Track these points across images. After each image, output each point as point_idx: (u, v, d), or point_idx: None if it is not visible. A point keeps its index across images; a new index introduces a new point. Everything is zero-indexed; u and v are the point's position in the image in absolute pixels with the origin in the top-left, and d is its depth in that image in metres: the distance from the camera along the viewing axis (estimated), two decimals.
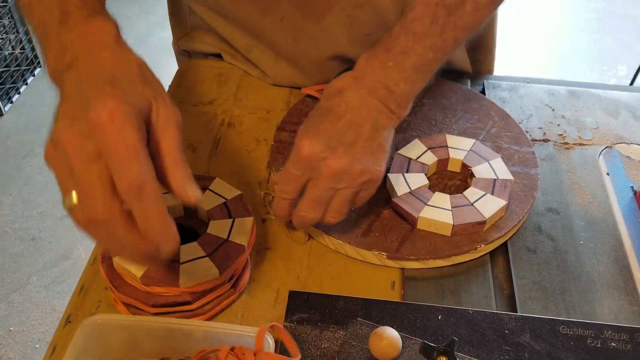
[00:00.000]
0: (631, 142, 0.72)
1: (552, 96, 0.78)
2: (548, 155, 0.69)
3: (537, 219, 0.62)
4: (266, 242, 0.59)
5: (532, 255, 0.58)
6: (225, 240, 0.52)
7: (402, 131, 0.70)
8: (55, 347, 0.50)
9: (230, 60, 0.81)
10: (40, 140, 2.11)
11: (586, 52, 2.68)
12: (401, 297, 0.55)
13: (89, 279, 0.56)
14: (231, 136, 0.71)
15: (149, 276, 0.49)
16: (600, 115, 0.75)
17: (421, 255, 0.56)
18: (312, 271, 0.57)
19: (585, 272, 0.57)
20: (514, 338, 0.50)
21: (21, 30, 2.28)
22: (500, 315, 0.51)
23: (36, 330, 1.56)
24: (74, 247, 1.77)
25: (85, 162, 0.38)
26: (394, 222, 0.59)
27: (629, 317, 0.53)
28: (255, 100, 0.77)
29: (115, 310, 0.53)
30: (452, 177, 0.65)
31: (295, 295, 0.53)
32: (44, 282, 1.67)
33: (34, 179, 1.98)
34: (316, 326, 0.50)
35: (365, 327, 0.50)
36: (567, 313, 0.53)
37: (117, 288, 0.50)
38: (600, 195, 0.65)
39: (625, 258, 0.58)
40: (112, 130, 0.37)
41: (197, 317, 0.51)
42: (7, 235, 1.80)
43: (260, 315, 0.53)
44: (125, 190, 0.38)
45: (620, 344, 0.49)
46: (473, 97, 0.74)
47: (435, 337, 0.50)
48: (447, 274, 0.57)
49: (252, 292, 0.55)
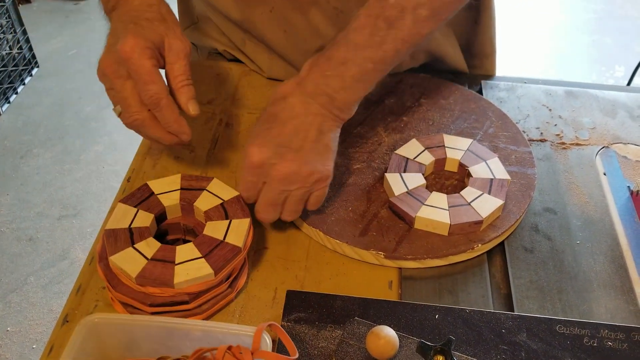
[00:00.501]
0: (628, 142, 0.72)
1: (550, 96, 0.78)
2: (545, 155, 0.69)
3: (534, 219, 0.62)
4: (264, 241, 0.60)
5: (529, 255, 0.58)
6: (222, 241, 0.52)
7: (400, 131, 0.70)
8: (52, 347, 0.50)
9: (232, 53, 0.81)
10: (37, 140, 2.11)
11: (585, 52, 2.68)
12: (398, 296, 0.55)
13: (86, 279, 0.56)
14: (229, 136, 0.71)
15: (143, 276, 0.49)
16: (597, 115, 0.76)
17: (418, 255, 0.56)
18: (309, 271, 0.57)
19: (582, 271, 0.57)
20: (511, 337, 0.50)
21: (19, 30, 2.28)
22: (497, 314, 0.51)
23: (33, 331, 1.55)
24: (71, 248, 1.77)
25: (120, 82, 0.54)
26: (392, 222, 0.59)
27: (625, 316, 0.53)
28: (253, 100, 0.77)
29: (113, 309, 0.53)
30: (450, 176, 0.65)
31: (293, 295, 0.53)
32: (41, 282, 1.67)
33: (32, 179, 1.98)
34: (314, 325, 0.50)
35: (363, 327, 0.50)
36: (563, 312, 0.53)
37: (115, 287, 0.50)
38: (597, 195, 0.65)
39: (622, 258, 0.58)
40: (133, 60, 0.52)
41: (195, 316, 0.51)
42: (5, 235, 1.80)
43: (258, 315, 0.53)
44: (147, 102, 0.54)
45: (617, 343, 0.49)
46: (471, 97, 0.75)
47: (433, 336, 0.50)
48: (444, 274, 0.57)
49: (249, 291, 0.55)
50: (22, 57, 2.33)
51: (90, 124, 2.20)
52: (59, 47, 2.61)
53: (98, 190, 1.96)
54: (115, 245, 0.51)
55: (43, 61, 2.49)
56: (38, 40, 2.58)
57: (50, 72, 2.45)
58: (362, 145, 0.68)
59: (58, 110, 2.24)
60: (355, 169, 0.65)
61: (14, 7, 2.27)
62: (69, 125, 2.19)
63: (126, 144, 2.13)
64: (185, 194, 0.56)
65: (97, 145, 2.12)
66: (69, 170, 2.02)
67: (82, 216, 1.86)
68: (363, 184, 0.63)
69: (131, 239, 0.52)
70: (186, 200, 0.56)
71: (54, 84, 2.39)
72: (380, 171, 0.65)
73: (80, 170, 2.02)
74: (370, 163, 0.66)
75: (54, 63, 2.50)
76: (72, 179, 1.99)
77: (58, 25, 2.74)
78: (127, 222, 0.53)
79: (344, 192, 0.62)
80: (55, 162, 2.04)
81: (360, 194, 0.62)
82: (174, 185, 0.57)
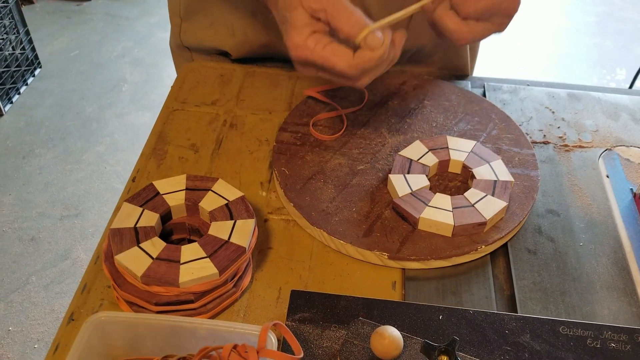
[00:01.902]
0: (631, 145, 0.72)
1: (553, 99, 0.78)
2: (548, 157, 0.70)
3: (537, 221, 0.62)
4: (268, 241, 0.60)
5: (532, 257, 0.59)
6: (226, 241, 0.52)
7: (404, 132, 0.70)
8: (58, 345, 0.51)
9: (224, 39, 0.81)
10: (39, 140, 2.12)
11: (586, 55, 2.69)
12: (402, 297, 0.55)
13: (91, 277, 0.56)
14: (233, 136, 0.72)
15: (149, 276, 0.49)
16: (600, 118, 0.76)
17: (422, 256, 0.56)
18: (313, 271, 0.57)
19: (585, 273, 0.57)
20: (514, 338, 0.50)
21: (21, 30, 2.28)
22: (500, 315, 0.52)
23: (35, 330, 1.55)
24: (73, 248, 1.77)
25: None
26: (395, 223, 0.59)
27: (628, 318, 0.53)
28: (257, 101, 0.77)
29: (118, 308, 0.53)
30: (453, 178, 0.65)
31: (297, 295, 0.53)
32: (43, 282, 1.67)
33: (34, 179, 1.98)
34: (318, 325, 0.51)
35: (367, 327, 0.50)
36: (567, 314, 0.54)
37: (120, 286, 0.51)
38: (600, 198, 0.65)
39: (625, 260, 0.59)
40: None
41: (200, 315, 0.52)
42: (7, 235, 1.80)
43: (262, 314, 0.53)
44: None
45: (620, 345, 0.50)
46: (474, 99, 0.75)
47: (436, 336, 0.50)
48: (447, 275, 0.57)
49: (254, 291, 0.55)
50: (25, 57, 2.34)
51: (92, 125, 2.21)
52: (61, 47, 2.61)
53: (99, 191, 1.96)
54: (121, 244, 0.51)
55: (45, 62, 2.50)
56: (41, 41, 2.59)
57: (53, 72, 2.46)
58: (366, 146, 0.68)
59: (60, 110, 2.25)
60: (359, 170, 0.65)
61: (17, 8, 2.27)
62: (71, 126, 2.19)
63: (128, 144, 2.14)
64: (190, 194, 0.57)
65: (99, 145, 2.13)
66: (70, 171, 2.02)
67: (83, 216, 1.87)
68: (367, 185, 0.63)
69: (137, 238, 0.52)
70: (191, 201, 0.56)
71: (56, 84, 2.39)
72: (384, 172, 0.65)
73: (81, 171, 2.02)
74: (374, 164, 0.66)
75: (56, 64, 2.51)
76: (74, 179, 1.99)
77: (60, 26, 2.75)
78: (133, 222, 0.53)
79: (348, 192, 0.62)
80: (57, 163, 2.05)
81: (364, 194, 0.62)
82: (179, 186, 0.57)
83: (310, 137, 0.69)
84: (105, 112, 2.28)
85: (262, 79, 0.80)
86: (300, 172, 0.64)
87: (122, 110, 2.29)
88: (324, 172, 0.65)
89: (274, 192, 0.65)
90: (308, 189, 0.62)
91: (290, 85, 0.80)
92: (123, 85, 2.42)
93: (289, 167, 0.65)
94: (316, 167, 0.65)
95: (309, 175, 0.64)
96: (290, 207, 0.61)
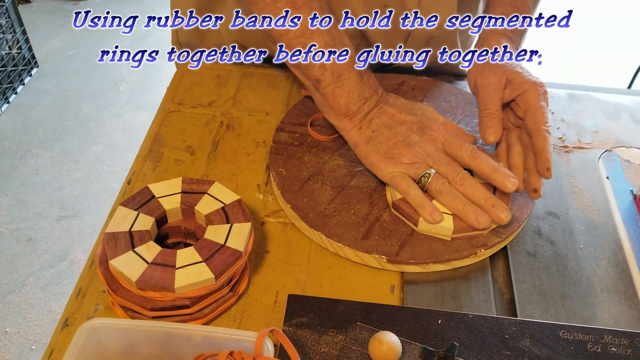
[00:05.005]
0: (631, 146, 0.72)
1: (552, 99, 0.78)
2: None
3: (537, 223, 0.62)
4: (265, 245, 0.59)
5: (532, 260, 0.58)
6: (223, 245, 0.52)
7: None
8: (52, 351, 0.50)
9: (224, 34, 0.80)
10: (36, 140, 2.11)
11: (585, 55, 2.68)
12: (401, 301, 0.55)
13: (86, 282, 0.55)
14: (230, 138, 0.71)
15: (144, 281, 0.48)
16: (600, 118, 0.75)
17: (421, 259, 0.56)
18: (311, 274, 0.57)
19: (585, 276, 0.57)
20: (514, 343, 0.49)
21: (18, 30, 2.27)
22: (500, 319, 0.51)
23: (32, 332, 1.55)
24: (70, 248, 1.76)
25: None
26: (394, 226, 0.59)
27: (629, 321, 0.53)
28: (254, 102, 0.76)
29: (113, 313, 0.53)
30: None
31: (295, 299, 0.52)
32: (41, 283, 1.66)
33: (31, 179, 1.97)
34: (315, 330, 0.50)
35: (365, 332, 0.50)
36: (567, 317, 0.53)
37: (115, 291, 0.50)
38: (600, 199, 0.64)
39: (625, 262, 0.58)
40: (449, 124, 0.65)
41: (196, 320, 0.51)
42: (4, 235, 1.79)
43: (259, 319, 0.53)
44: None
45: (621, 349, 0.49)
46: (473, 100, 0.74)
47: (435, 341, 0.49)
48: (446, 278, 0.57)
49: (251, 295, 0.55)
50: (22, 57, 2.33)
51: (90, 125, 2.20)
52: (58, 47, 2.60)
53: (97, 191, 1.95)
54: (116, 248, 0.51)
55: (42, 61, 2.49)
56: (37, 41, 2.57)
57: (50, 72, 2.45)
58: None
59: (57, 110, 2.24)
60: (357, 171, 0.64)
61: (14, 7, 2.26)
62: (68, 126, 2.18)
63: (125, 144, 2.13)
64: (186, 197, 0.56)
65: (96, 145, 2.12)
66: (68, 171, 2.01)
67: (81, 217, 1.86)
68: (365, 187, 0.63)
69: (131, 243, 0.51)
70: (187, 204, 0.56)
71: (53, 84, 2.38)
72: None
73: (79, 171, 2.02)
74: None
75: (53, 63, 2.50)
76: (71, 179, 1.99)
77: (57, 25, 2.74)
78: (128, 226, 0.53)
79: (346, 194, 0.62)
80: (55, 163, 2.04)
81: (363, 197, 0.62)
82: (175, 189, 0.57)
83: (308, 138, 0.68)
84: (103, 112, 2.27)
85: (259, 80, 0.80)
86: (297, 173, 0.64)
87: (119, 110, 2.28)
88: (321, 173, 0.64)
89: (271, 195, 0.64)
90: (306, 191, 0.62)
91: (287, 87, 0.79)
92: (121, 85, 2.41)
93: (287, 168, 0.64)
94: (314, 168, 0.64)
95: (306, 177, 0.63)
96: (288, 208, 0.61)
